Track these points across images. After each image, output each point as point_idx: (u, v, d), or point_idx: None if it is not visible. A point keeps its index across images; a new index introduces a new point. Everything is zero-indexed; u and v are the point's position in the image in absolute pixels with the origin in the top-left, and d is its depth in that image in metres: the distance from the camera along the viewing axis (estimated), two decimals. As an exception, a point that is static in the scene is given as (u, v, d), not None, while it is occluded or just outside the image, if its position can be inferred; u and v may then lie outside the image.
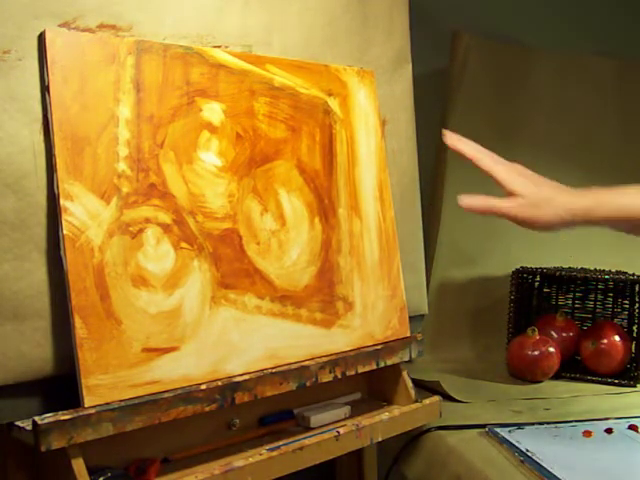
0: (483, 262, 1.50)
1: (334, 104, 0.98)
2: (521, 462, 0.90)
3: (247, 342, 0.84)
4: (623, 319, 1.41)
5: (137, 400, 0.72)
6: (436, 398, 1.02)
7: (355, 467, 1.17)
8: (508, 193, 0.89)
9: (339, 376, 0.91)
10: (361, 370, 0.94)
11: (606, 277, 1.36)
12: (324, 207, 0.95)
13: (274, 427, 0.90)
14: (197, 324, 0.79)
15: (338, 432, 0.87)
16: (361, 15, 1.04)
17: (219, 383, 0.79)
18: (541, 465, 0.88)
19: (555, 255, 1.52)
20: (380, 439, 0.93)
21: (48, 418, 0.66)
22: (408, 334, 1.02)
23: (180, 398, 0.75)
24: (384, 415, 0.94)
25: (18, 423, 0.69)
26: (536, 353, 1.29)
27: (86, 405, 0.69)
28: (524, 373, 1.30)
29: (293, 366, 0.86)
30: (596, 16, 1.67)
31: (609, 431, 1.01)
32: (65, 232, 0.71)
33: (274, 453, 0.80)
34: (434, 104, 1.50)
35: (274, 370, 0.84)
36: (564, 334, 1.38)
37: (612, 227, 0.89)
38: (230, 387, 0.79)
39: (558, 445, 0.96)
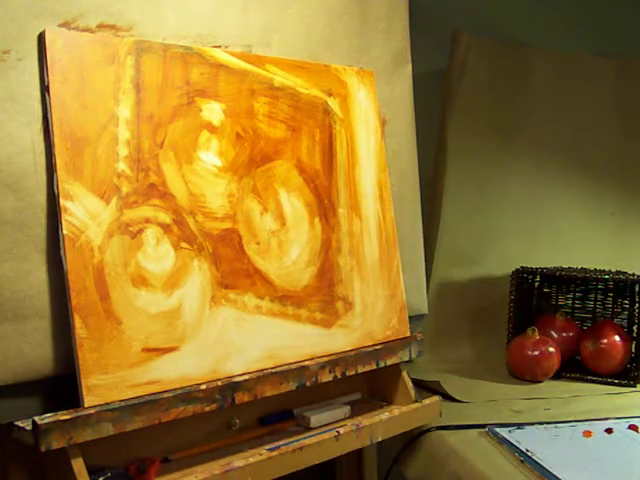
0: (483, 262, 1.50)
1: (334, 104, 0.98)
2: (521, 462, 0.90)
3: (247, 342, 0.84)
4: (623, 319, 1.41)
5: (137, 400, 0.72)
6: (436, 398, 1.02)
7: (355, 467, 1.17)
8: None
9: (339, 376, 0.91)
10: (361, 370, 0.94)
11: (606, 277, 1.36)
12: (324, 207, 0.95)
13: (274, 427, 0.90)
14: (197, 324, 0.79)
15: (338, 432, 0.87)
16: (361, 15, 1.04)
17: (219, 383, 0.79)
18: (541, 465, 0.88)
19: (555, 255, 1.52)
20: (380, 439, 0.93)
21: (48, 418, 0.66)
22: (408, 334, 1.02)
23: (180, 398, 0.75)
24: (384, 415, 0.94)
25: (18, 423, 0.69)
26: (536, 353, 1.29)
27: (86, 405, 0.69)
28: (524, 373, 1.30)
29: (293, 366, 0.86)
30: (596, 16, 1.67)
31: (609, 431, 1.01)
32: (65, 232, 0.71)
33: (274, 453, 0.80)
34: (434, 104, 1.50)
35: (274, 370, 0.84)
36: (564, 334, 1.38)
37: None
38: (230, 387, 0.79)
39: (558, 445, 0.96)
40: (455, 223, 1.47)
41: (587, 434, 1.00)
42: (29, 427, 0.67)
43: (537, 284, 1.48)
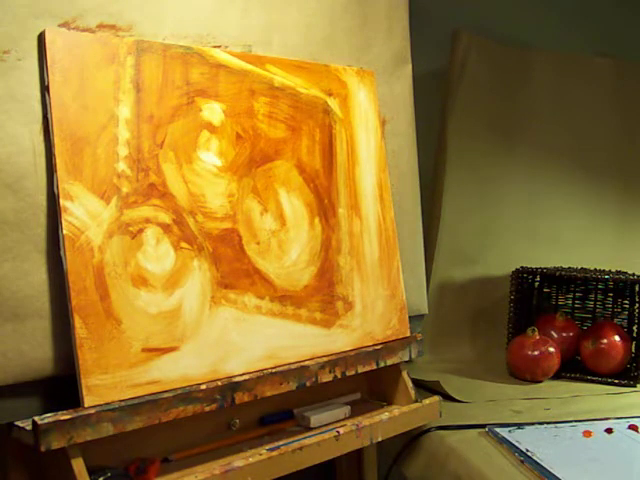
0: (483, 262, 1.50)
1: (334, 104, 0.98)
2: (521, 462, 0.90)
3: (247, 342, 0.84)
4: (623, 319, 1.41)
5: (137, 400, 0.72)
6: (436, 398, 1.02)
7: (355, 467, 1.17)
8: None
9: (339, 376, 0.91)
10: (361, 370, 0.94)
11: (606, 277, 1.36)
12: (324, 207, 0.95)
13: (274, 427, 0.90)
14: (197, 324, 0.79)
15: (338, 432, 0.87)
16: (361, 15, 1.04)
17: (219, 383, 0.79)
18: (541, 465, 0.88)
19: (555, 255, 1.52)
20: (380, 439, 0.93)
21: (48, 418, 0.66)
22: (408, 334, 1.02)
23: (180, 398, 0.75)
24: (384, 415, 0.94)
25: (18, 423, 0.69)
26: (536, 353, 1.29)
27: (86, 405, 0.69)
28: (524, 373, 1.30)
29: (293, 366, 0.86)
30: (596, 16, 1.67)
31: (609, 431, 1.01)
32: (65, 232, 0.71)
33: (274, 453, 0.80)
34: (434, 104, 1.50)
35: (274, 370, 0.84)
36: (564, 334, 1.38)
37: None
38: (230, 387, 0.79)
39: (558, 445, 0.96)
40: (455, 223, 1.47)
41: (587, 434, 1.00)
42: (29, 427, 0.67)
43: (537, 284, 1.48)
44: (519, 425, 1.03)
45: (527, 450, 0.92)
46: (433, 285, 1.44)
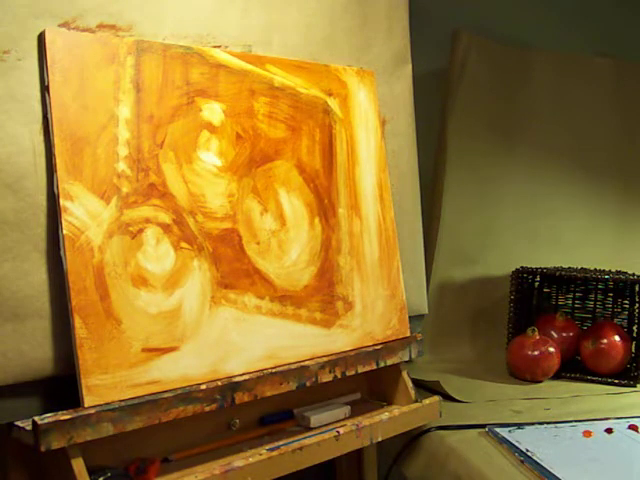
0: (483, 262, 1.50)
1: (334, 104, 0.98)
2: (521, 462, 0.90)
3: (247, 342, 0.84)
4: (623, 319, 1.41)
5: (137, 400, 0.72)
6: (436, 398, 1.02)
7: (355, 467, 1.17)
8: None
9: (339, 376, 0.91)
10: (361, 370, 0.94)
11: (606, 277, 1.36)
12: (324, 207, 0.95)
13: (274, 427, 0.90)
14: (197, 324, 0.79)
15: (338, 432, 0.87)
16: (361, 15, 1.04)
17: (219, 383, 0.79)
18: (541, 465, 0.88)
19: (555, 255, 1.52)
20: (380, 439, 0.93)
21: (48, 418, 0.66)
22: (408, 334, 1.02)
23: (180, 398, 0.75)
24: (384, 415, 0.94)
25: (18, 423, 0.69)
26: (536, 353, 1.29)
27: (86, 405, 0.69)
28: (524, 373, 1.30)
29: (293, 366, 0.86)
30: (596, 16, 1.67)
31: (609, 431, 1.01)
32: (65, 232, 0.71)
33: (274, 453, 0.80)
34: (434, 104, 1.50)
35: (274, 370, 0.84)
36: (564, 334, 1.38)
37: None
38: (230, 387, 0.79)
39: (558, 445, 0.96)
40: (455, 223, 1.47)
41: (587, 434, 1.00)
42: (29, 427, 0.67)
43: (537, 284, 1.48)
44: (519, 425, 1.03)
45: (527, 450, 0.92)
46: (433, 285, 1.44)
